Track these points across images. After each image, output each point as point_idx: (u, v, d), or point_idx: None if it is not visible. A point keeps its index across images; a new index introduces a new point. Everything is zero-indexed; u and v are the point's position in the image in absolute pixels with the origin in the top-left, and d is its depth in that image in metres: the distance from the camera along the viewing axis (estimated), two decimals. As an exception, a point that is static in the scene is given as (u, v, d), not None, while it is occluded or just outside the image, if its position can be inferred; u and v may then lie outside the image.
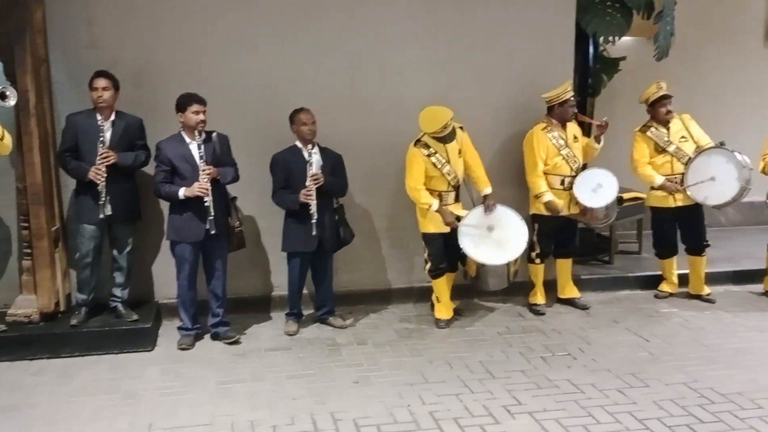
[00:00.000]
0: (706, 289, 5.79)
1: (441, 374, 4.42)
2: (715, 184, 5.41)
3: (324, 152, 5.04)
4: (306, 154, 4.90)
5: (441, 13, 5.56)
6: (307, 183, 4.85)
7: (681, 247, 5.81)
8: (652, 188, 5.68)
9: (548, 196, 5.38)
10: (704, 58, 7.44)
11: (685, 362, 4.53)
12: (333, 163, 5.07)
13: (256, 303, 5.53)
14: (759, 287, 5.96)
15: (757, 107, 6.95)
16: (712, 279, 5.95)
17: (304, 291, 5.32)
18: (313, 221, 4.85)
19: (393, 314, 5.56)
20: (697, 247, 5.74)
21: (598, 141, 5.48)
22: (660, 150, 5.59)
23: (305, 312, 5.33)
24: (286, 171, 4.94)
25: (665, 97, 5.56)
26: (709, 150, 5.49)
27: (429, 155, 5.04)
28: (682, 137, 5.59)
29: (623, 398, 4.04)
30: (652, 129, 5.61)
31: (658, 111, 5.59)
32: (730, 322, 5.28)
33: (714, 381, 4.23)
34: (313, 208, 4.85)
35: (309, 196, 4.84)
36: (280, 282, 5.51)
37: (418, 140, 5.10)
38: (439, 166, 5.05)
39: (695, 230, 5.72)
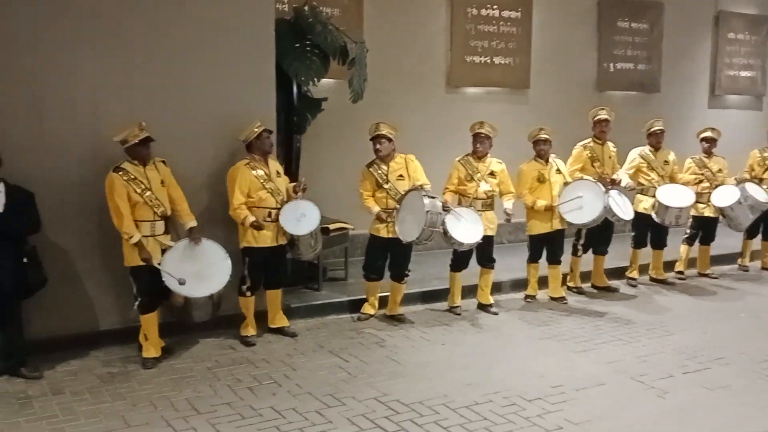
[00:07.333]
0: (400, 310, 6.40)
1: (144, 417, 4.34)
2: (409, 221, 5.94)
3: (11, 190, 4.73)
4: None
5: (137, 59, 5.52)
6: None
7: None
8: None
9: (250, 218, 5.53)
10: (396, 102, 8.20)
11: (377, 378, 4.98)
12: (20, 201, 4.78)
13: None
14: (444, 305, 6.73)
15: (441, 144, 7.90)
16: (407, 300, 6.60)
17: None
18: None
19: (97, 359, 5.31)
20: (399, 275, 6.34)
21: (296, 192, 5.81)
22: (379, 185, 6.11)
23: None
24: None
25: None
26: (409, 193, 5.99)
27: (128, 180, 5.04)
28: (400, 176, 6.15)
29: (320, 419, 4.33)
30: (374, 166, 6.11)
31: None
32: (418, 338, 5.91)
33: (400, 393, 4.71)
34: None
35: None
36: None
37: (117, 167, 5.09)
38: (140, 191, 5.06)
39: (401, 260, 6.31)
